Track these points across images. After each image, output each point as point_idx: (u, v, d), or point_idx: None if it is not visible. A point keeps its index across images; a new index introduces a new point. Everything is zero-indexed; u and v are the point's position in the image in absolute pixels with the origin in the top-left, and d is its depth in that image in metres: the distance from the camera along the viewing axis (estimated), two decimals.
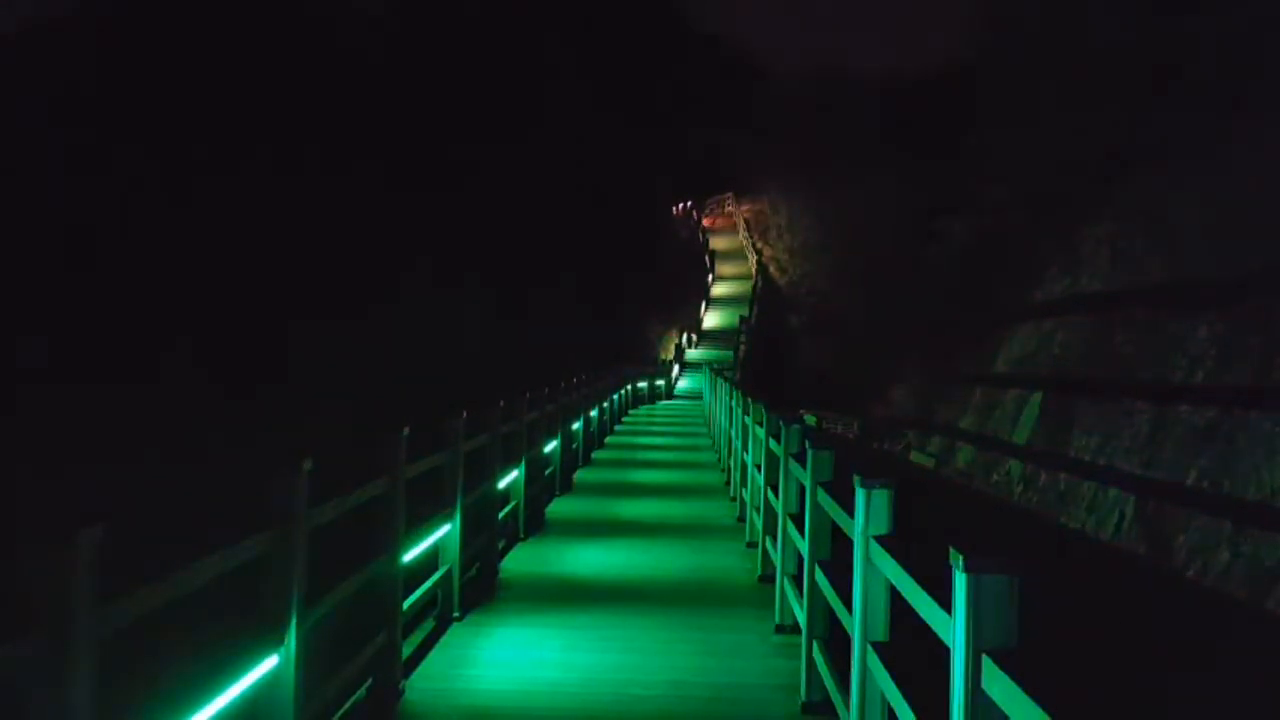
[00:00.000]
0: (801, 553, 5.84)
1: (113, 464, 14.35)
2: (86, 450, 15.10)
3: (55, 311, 18.99)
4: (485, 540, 8.41)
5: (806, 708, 5.38)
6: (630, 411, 30.04)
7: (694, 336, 45.46)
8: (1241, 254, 12.88)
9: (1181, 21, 17.51)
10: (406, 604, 5.93)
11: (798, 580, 6.24)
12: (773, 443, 8.09)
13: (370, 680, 5.41)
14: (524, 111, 43.00)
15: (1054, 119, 22.49)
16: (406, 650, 6.06)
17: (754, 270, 51.39)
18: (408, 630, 6.30)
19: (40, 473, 13.77)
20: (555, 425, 13.38)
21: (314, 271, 25.68)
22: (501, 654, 6.34)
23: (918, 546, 3.52)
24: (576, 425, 16.28)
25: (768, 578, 8.12)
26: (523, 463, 10.37)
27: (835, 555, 5.30)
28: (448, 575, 7.02)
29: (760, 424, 9.38)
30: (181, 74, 25.31)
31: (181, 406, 17.60)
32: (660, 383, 37.99)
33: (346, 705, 5.23)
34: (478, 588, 7.87)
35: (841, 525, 4.67)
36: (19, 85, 21.82)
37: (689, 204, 64.67)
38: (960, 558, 2.55)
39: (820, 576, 5.28)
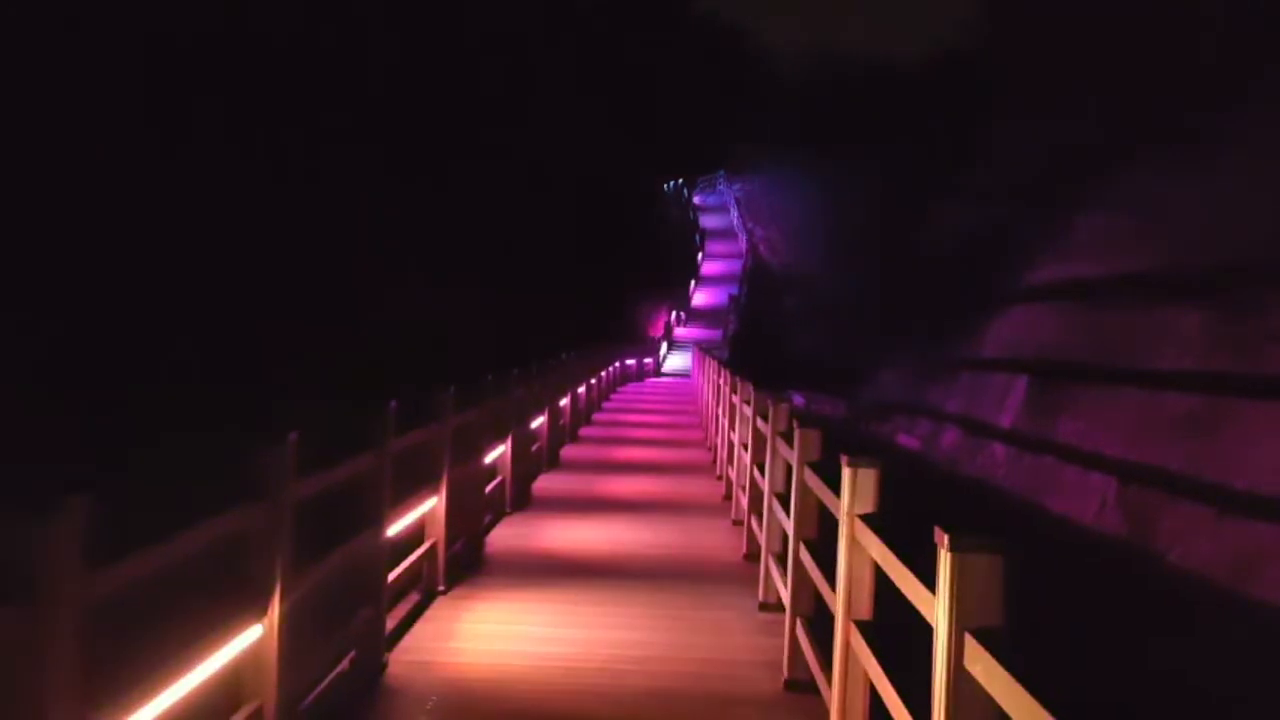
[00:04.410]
0: (787, 531, 5.85)
1: (111, 445, 14.31)
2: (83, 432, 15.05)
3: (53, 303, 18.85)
4: (471, 515, 8.41)
5: (789, 685, 5.40)
6: (618, 389, 30.06)
7: (683, 315, 45.46)
8: (1231, 243, 12.92)
9: (1178, 13, 17.51)
10: (391, 577, 5.93)
11: (782, 558, 6.26)
12: (760, 421, 8.10)
13: (354, 653, 5.41)
14: (511, 87, 42.74)
15: (1050, 107, 22.48)
16: (391, 624, 6.06)
17: (745, 250, 51.35)
18: (392, 604, 6.31)
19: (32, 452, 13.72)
20: (543, 401, 13.37)
21: (290, 243, 25.55)
22: (485, 628, 6.35)
23: (902, 525, 3.53)
24: (564, 401, 16.28)
25: (753, 555, 8.15)
26: (510, 438, 10.36)
27: (820, 534, 5.31)
28: (433, 549, 7.02)
29: (748, 403, 9.39)
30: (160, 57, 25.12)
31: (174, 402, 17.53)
32: (649, 361, 38.02)
33: (330, 677, 5.23)
34: (463, 562, 7.87)
35: (827, 504, 4.69)
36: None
37: (680, 182, 64.53)
38: (946, 537, 2.56)
39: (805, 555, 5.30)
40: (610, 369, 27.99)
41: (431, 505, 7.05)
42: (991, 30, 32.10)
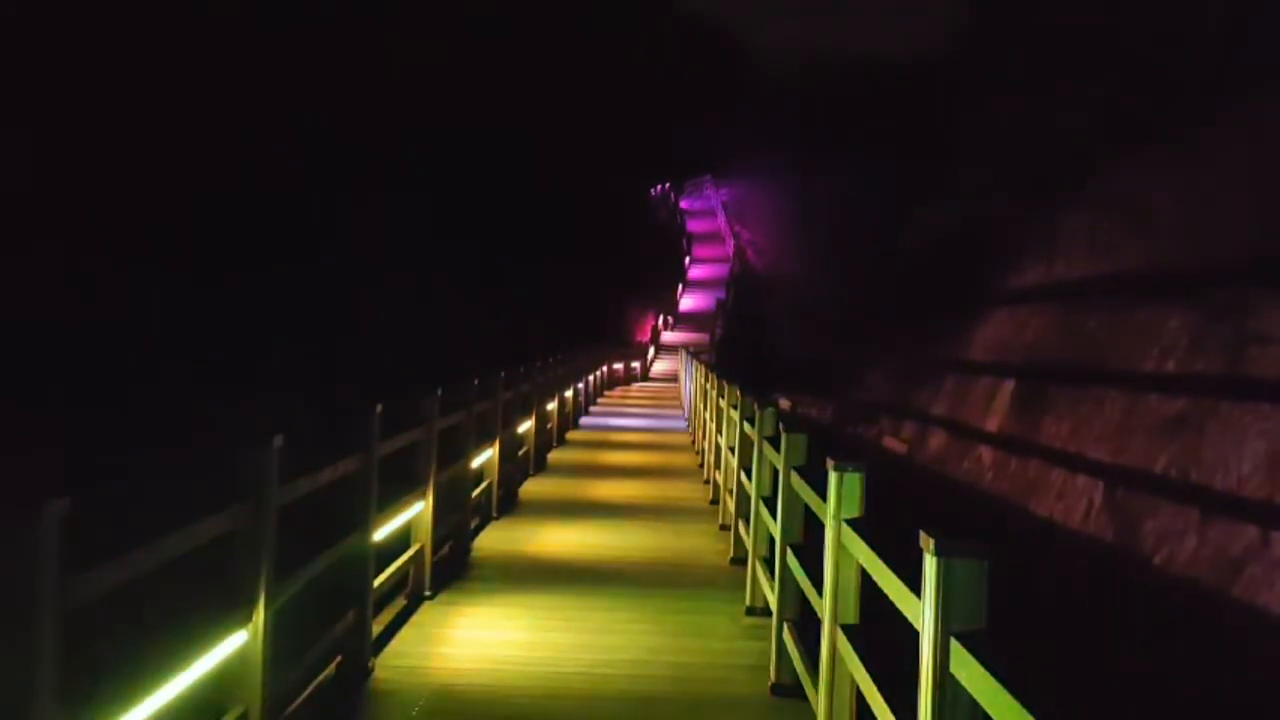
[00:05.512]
0: (773, 535, 5.85)
1: (88, 441, 14.24)
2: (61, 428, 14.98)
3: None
4: (458, 519, 8.40)
5: (776, 689, 5.40)
6: (605, 393, 30.05)
7: (671, 319, 45.48)
8: (1215, 243, 12.98)
9: (1162, 10, 17.59)
10: (377, 582, 5.91)
11: (769, 563, 6.26)
12: (746, 425, 8.10)
13: (340, 658, 5.39)
14: (500, 89, 42.72)
15: (1034, 106, 22.56)
16: (377, 629, 6.05)
17: (732, 253, 51.40)
18: (378, 609, 6.29)
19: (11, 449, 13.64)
20: (530, 405, 13.35)
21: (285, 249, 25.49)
22: (472, 633, 6.34)
23: (888, 530, 3.53)
24: (551, 405, 16.26)
25: (740, 560, 8.15)
26: (496, 442, 10.34)
27: (807, 538, 5.31)
28: (419, 554, 7.00)
29: (734, 407, 9.39)
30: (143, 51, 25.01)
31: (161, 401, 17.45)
32: (636, 364, 38.02)
33: (315, 682, 5.21)
34: (450, 566, 7.86)
35: (813, 508, 4.69)
36: None
37: (667, 186, 64.53)
38: (931, 541, 2.56)
39: (791, 559, 5.30)
40: (598, 373, 27.98)
41: (418, 510, 7.03)
42: (977, 30, 32.19)
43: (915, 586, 2.75)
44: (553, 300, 38.85)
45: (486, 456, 10.10)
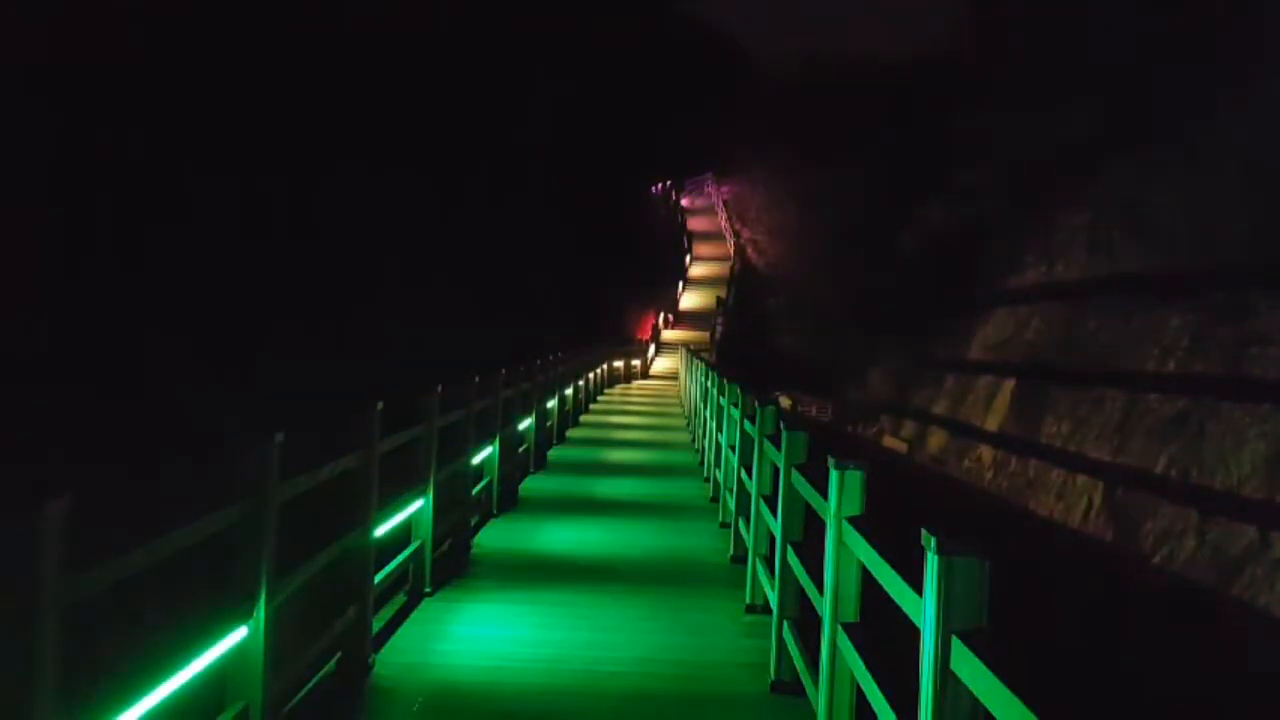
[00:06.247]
0: (774, 533, 5.85)
1: (89, 439, 14.25)
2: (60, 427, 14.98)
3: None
4: (458, 516, 8.40)
5: (776, 687, 5.40)
6: (605, 390, 30.04)
7: (671, 317, 45.49)
8: (1215, 245, 12.99)
9: (1161, 16, 17.59)
10: (378, 578, 5.92)
11: (769, 560, 6.26)
12: (747, 424, 8.09)
13: (340, 654, 5.39)
14: (500, 88, 42.70)
15: (1035, 108, 22.56)
16: (377, 625, 6.05)
17: (733, 252, 51.43)
18: (379, 605, 6.29)
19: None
20: (530, 402, 13.35)
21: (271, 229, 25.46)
22: (472, 630, 6.34)
23: (889, 528, 3.54)
24: (551, 403, 16.25)
25: (740, 558, 8.15)
26: (497, 439, 10.34)
27: (807, 536, 5.32)
28: (420, 550, 7.00)
29: (735, 405, 9.39)
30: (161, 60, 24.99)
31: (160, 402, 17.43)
32: (636, 362, 38.02)
33: (316, 678, 5.21)
34: (450, 564, 7.86)
35: (814, 506, 4.69)
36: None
37: (668, 184, 64.55)
38: (933, 540, 2.56)
39: (792, 557, 5.30)
40: (598, 370, 27.98)
41: (418, 506, 7.04)
42: (977, 31, 32.23)
43: (916, 585, 2.75)
44: (553, 298, 38.86)
45: (487, 453, 10.10)
